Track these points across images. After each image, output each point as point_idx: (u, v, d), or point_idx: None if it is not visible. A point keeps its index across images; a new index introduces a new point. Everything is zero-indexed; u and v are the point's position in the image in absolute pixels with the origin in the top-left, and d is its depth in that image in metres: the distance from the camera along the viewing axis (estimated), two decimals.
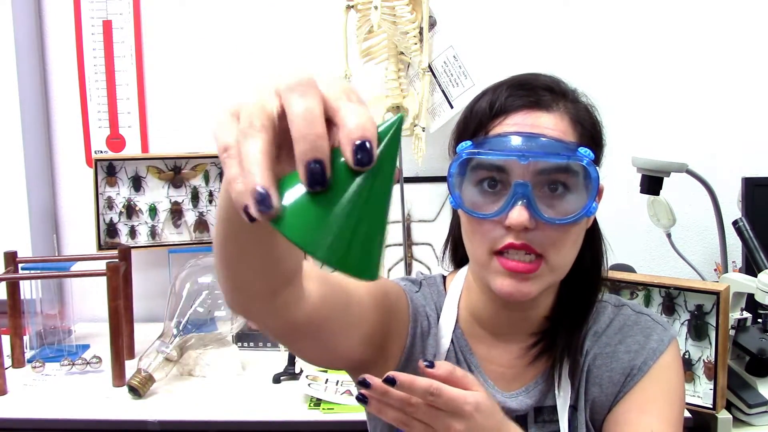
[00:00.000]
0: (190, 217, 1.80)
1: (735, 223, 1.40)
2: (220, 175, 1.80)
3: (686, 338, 1.25)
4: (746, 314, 1.36)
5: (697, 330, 1.23)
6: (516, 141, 0.72)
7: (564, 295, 0.84)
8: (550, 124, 0.75)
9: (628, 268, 1.48)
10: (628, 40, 1.73)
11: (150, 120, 1.84)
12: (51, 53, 1.84)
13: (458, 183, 0.76)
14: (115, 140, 1.84)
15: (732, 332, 1.32)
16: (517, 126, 0.74)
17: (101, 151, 1.83)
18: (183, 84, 1.83)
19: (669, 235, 1.61)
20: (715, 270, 1.62)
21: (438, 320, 0.86)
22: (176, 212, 1.79)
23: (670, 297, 1.26)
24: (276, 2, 1.79)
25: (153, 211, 1.78)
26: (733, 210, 1.58)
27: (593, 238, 0.85)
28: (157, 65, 1.83)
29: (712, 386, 1.22)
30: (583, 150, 0.74)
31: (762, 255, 1.35)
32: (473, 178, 0.75)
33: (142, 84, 1.83)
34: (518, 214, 0.71)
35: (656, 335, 0.84)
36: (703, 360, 1.23)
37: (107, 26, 1.81)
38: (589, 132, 0.79)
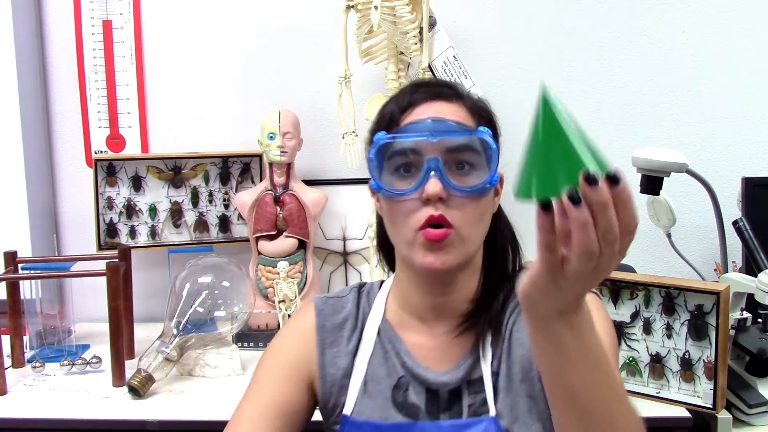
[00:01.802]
0: (190, 217, 1.80)
1: (735, 223, 1.40)
2: (220, 175, 1.80)
3: (686, 338, 1.25)
4: (746, 314, 1.36)
5: (697, 330, 1.23)
6: (424, 124, 0.83)
7: (484, 279, 0.91)
8: (452, 111, 0.86)
9: (628, 268, 1.48)
10: (628, 39, 1.73)
11: (150, 120, 1.84)
12: (51, 53, 1.84)
13: (377, 169, 0.85)
14: (115, 140, 1.84)
15: (732, 332, 1.32)
16: (423, 114, 0.85)
17: (101, 151, 1.84)
18: (183, 84, 1.83)
19: (669, 235, 1.61)
20: (715, 270, 1.62)
21: (367, 319, 0.95)
22: (176, 212, 1.79)
23: (670, 297, 1.26)
24: (276, 2, 1.79)
25: (153, 211, 1.78)
26: (733, 210, 1.58)
27: (500, 224, 0.93)
28: (157, 65, 1.83)
29: (712, 386, 1.22)
30: (482, 128, 0.84)
31: (762, 255, 1.35)
32: (390, 166, 0.84)
33: (142, 84, 1.83)
34: (433, 185, 0.80)
35: None
36: (703, 360, 1.23)
37: (107, 26, 1.81)
38: (486, 120, 0.89)
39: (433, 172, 0.81)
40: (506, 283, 0.91)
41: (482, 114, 0.89)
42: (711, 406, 1.22)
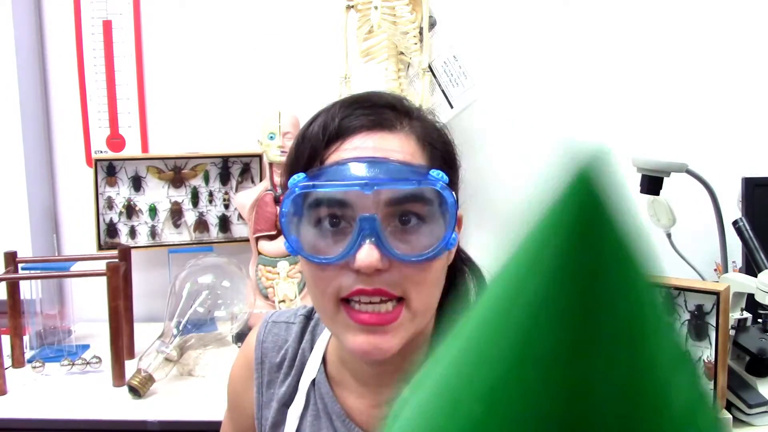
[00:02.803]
0: (190, 217, 1.80)
1: (735, 223, 1.40)
2: (220, 175, 1.80)
3: (686, 338, 1.25)
4: (746, 314, 1.36)
5: (697, 330, 1.23)
6: (357, 168, 0.62)
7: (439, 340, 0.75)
8: (395, 145, 0.65)
9: None
10: (629, 39, 1.73)
11: (150, 120, 1.84)
12: (51, 53, 1.84)
13: (295, 224, 0.65)
14: (115, 140, 1.84)
15: (732, 332, 1.32)
16: (357, 150, 0.64)
17: (101, 151, 1.83)
18: (183, 84, 1.83)
19: (669, 235, 1.61)
20: (715, 270, 1.61)
21: (305, 364, 0.79)
22: (176, 212, 1.79)
23: (670, 297, 1.26)
24: (276, 2, 1.79)
25: (153, 211, 1.78)
26: (733, 210, 1.58)
27: (455, 273, 0.74)
28: (157, 65, 1.83)
29: (712, 386, 1.22)
30: (435, 173, 0.63)
31: (762, 255, 1.35)
32: (311, 217, 0.64)
33: (142, 84, 1.83)
34: (366, 254, 0.60)
35: None
36: (703, 360, 1.23)
37: (107, 26, 1.81)
38: (440, 153, 0.69)
39: (367, 237, 0.61)
40: None
41: (435, 144, 0.68)
42: None
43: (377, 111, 0.67)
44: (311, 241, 0.64)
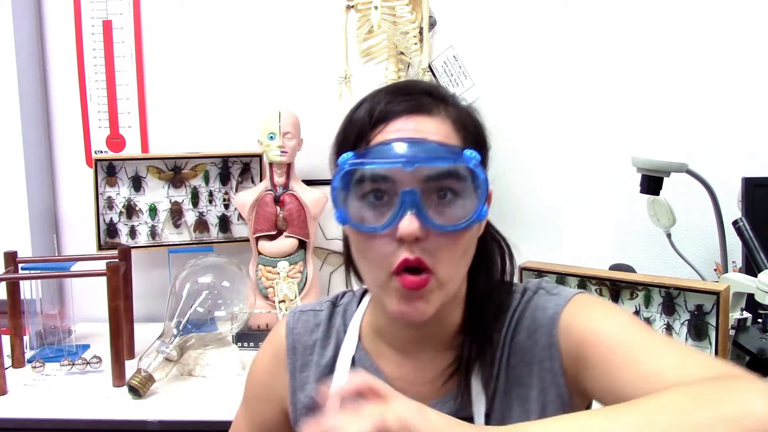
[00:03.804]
0: (190, 217, 1.80)
1: (735, 223, 1.40)
2: (220, 175, 1.80)
3: (686, 338, 1.25)
4: (746, 314, 1.36)
5: (697, 330, 1.23)
6: (399, 148, 0.69)
7: (470, 307, 0.80)
8: (433, 128, 0.72)
9: (628, 268, 1.48)
10: (629, 39, 1.73)
11: (150, 120, 1.84)
12: (51, 53, 1.84)
13: (343, 198, 0.72)
14: (115, 140, 1.84)
15: (732, 332, 1.32)
16: (399, 132, 0.72)
17: (101, 151, 1.84)
18: (183, 84, 1.83)
19: (669, 235, 1.61)
20: (715, 270, 1.61)
21: (341, 344, 0.85)
22: (176, 212, 1.79)
23: (670, 297, 1.26)
24: (276, 2, 1.79)
25: (153, 211, 1.78)
26: (733, 210, 1.58)
27: (486, 245, 0.81)
28: (157, 65, 1.83)
29: None
30: (468, 152, 0.71)
31: (762, 255, 1.35)
32: (358, 191, 0.71)
33: (142, 84, 1.83)
34: (408, 224, 0.67)
35: (551, 304, 0.78)
36: None
37: (107, 26, 1.81)
38: (473, 134, 0.76)
39: (409, 208, 0.68)
40: (493, 307, 0.80)
41: (468, 127, 0.76)
42: None
43: (416, 97, 0.74)
44: (358, 213, 0.72)
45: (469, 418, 0.76)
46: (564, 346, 0.75)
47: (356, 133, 0.74)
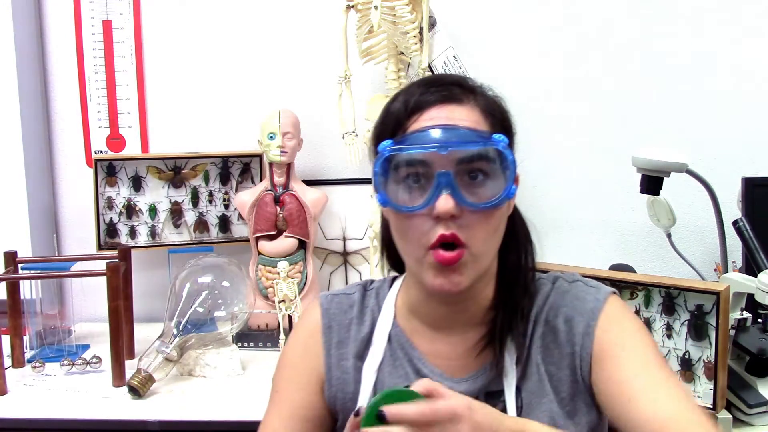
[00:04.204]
0: (190, 217, 1.80)
1: (735, 223, 1.40)
2: (220, 175, 1.80)
3: (686, 338, 1.25)
4: (746, 314, 1.36)
5: (697, 330, 1.23)
6: (434, 133, 0.77)
7: (501, 284, 0.86)
8: (464, 115, 0.79)
9: (628, 268, 1.48)
10: (628, 40, 1.73)
11: (150, 120, 1.84)
12: (51, 53, 1.84)
13: (383, 182, 0.79)
14: (115, 140, 1.84)
15: (732, 332, 1.32)
16: (433, 120, 0.78)
17: (101, 151, 1.84)
18: (183, 84, 1.83)
19: (669, 235, 1.61)
20: (715, 270, 1.61)
21: (376, 322, 0.91)
22: (176, 212, 1.79)
23: (670, 297, 1.26)
24: (276, 2, 1.79)
25: (153, 211, 1.78)
26: (733, 210, 1.58)
27: (515, 226, 0.88)
28: (157, 65, 1.83)
29: (712, 386, 1.22)
30: (497, 136, 0.78)
31: (762, 255, 1.35)
32: (397, 176, 0.79)
33: (142, 84, 1.83)
34: (444, 202, 0.74)
35: (590, 297, 0.85)
36: (703, 360, 1.23)
37: (107, 26, 1.81)
38: (500, 121, 0.83)
39: (444, 189, 0.75)
40: (522, 283, 0.87)
41: (495, 114, 0.83)
42: (711, 406, 1.22)
43: (447, 88, 0.81)
44: (397, 196, 0.79)
45: (500, 392, 0.83)
46: (597, 341, 0.82)
47: (394, 123, 0.81)
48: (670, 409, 0.75)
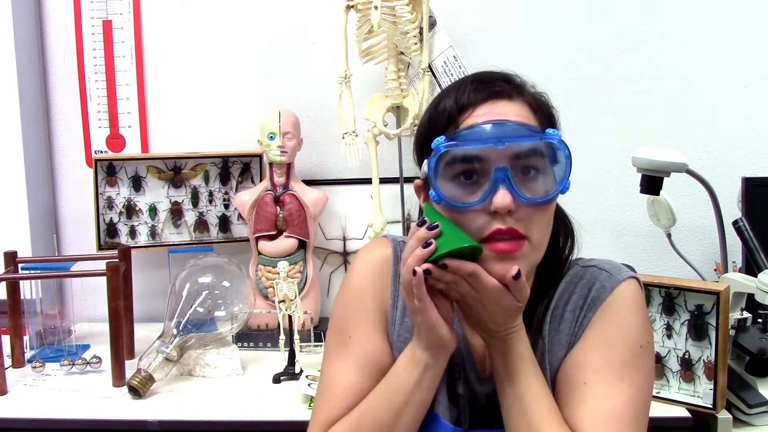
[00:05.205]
0: (190, 217, 1.80)
1: (735, 223, 1.40)
2: (220, 175, 1.80)
3: (686, 338, 1.25)
4: (746, 314, 1.36)
5: (697, 330, 1.23)
6: (489, 129, 0.76)
7: (537, 275, 0.87)
8: (514, 111, 0.80)
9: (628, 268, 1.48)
10: (628, 39, 1.73)
11: (150, 120, 1.84)
12: (51, 53, 1.84)
13: (436, 178, 0.78)
14: (115, 140, 1.84)
15: (732, 332, 1.32)
16: (485, 116, 0.78)
17: (101, 151, 1.84)
18: (183, 84, 1.83)
19: (669, 235, 1.61)
20: (715, 270, 1.62)
21: None
22: (176, 212, 1.79)
23: (670, 297, 1.26)
24: (276, 3, 1.79)
25: (153, 211, 1.78)
26: (733, 210, 1.58)
27: (559, 218, 0.88)
28: (157, 65, 1.83)
29: (712, 386, 1.22)
30: (551, 131, 0.79)
31: (762, 255, 1.35)
32: (449, 173, 0.78)
33: (142, 84, 1.83)
34: (502, 197, 0.74)
35: (598, 284, 0.85)
36: (703, 360, 1.23)
37: (107, 26, 1.81)
38: (547, 116, 0.84)
39: (501, 184, 0.74)
40: (557, 276, 0.87)
41: (543, 109, 0.84)
42: (711, 406, 1.22)
43: (497, 84, 0.82)
44: (450, 192, 0.77)
45: None
46: (589, 326, 0.84)
47: (446, 120, 0.80)
48: (588, 419, 0.78)
